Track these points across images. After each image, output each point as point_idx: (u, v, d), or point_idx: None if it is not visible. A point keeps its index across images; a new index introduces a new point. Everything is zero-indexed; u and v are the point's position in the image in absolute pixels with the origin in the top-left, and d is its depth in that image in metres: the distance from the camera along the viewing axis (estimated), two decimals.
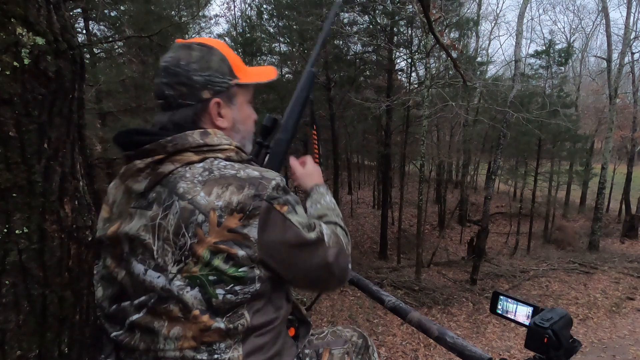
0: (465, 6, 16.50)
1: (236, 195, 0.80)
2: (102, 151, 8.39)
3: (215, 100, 0.92)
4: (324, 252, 0.90)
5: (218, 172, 0.83)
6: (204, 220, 0.79)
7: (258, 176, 0.85)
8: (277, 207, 0.84)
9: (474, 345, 1.09)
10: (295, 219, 0.86)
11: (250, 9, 17.54)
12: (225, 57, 0.94)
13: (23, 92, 0.70)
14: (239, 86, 0.96)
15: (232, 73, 0.95)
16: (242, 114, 0.99)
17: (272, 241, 0.83)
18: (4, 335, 0.71)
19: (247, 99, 1.01)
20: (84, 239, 0.86)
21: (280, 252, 0.85)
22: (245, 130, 1.02)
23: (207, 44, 0.94)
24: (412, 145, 17.05)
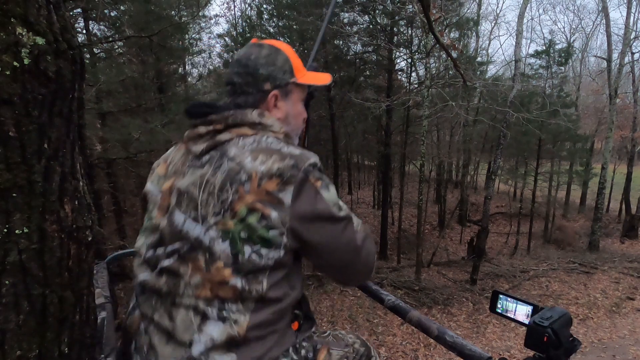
0: (465, 6, 16.50)
1: (277, 163, 0.90)
2: (102, 151, 8.39)
3: (274, 93, 1.05)
4: (352, 233, 0.96)
5: (265, 144, 0.94)
6: (247, 179, 0.88)
7: (299, 153, 0.94)
8: (312, 179, 0.91)
9: (473, 345, 1.09)
10: (326, 195, 0.93)
11: (250, 9, 17.55)
12: (289, 59, 1.08)
13: (23, 92, 0.70)
14: (296, 85, 1.09)
15: (292, 72, 1.08)
16: (295, 109, 1.11)
17: (303, 210, 0.90)
18: (4, 335, 0.71)
19: (301, 97, 1.13)
20: (84, 239, 0.86)
21: (311, 222, 0.91)
22: (295, 125, 1.12)
23: (276, 46, 1.09)
24: (412, 145, 17.05)
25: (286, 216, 0.89)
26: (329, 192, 0.94)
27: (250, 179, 0.88)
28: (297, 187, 0.90)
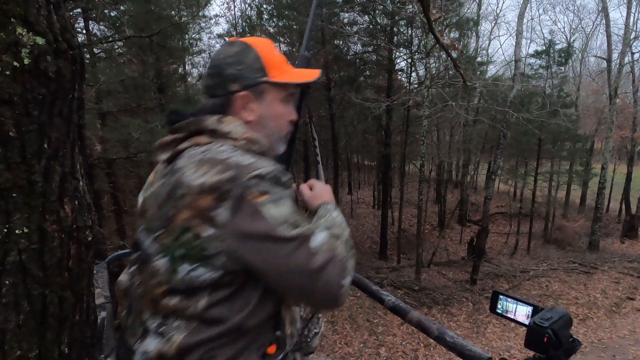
0: (465, 6, 16.50)
1: (216, 176, 0.82)
2: (102, 151, 8.39)
3: (242, 94, 0.97)
4: (306, 255, 0.82)
5: (213, 153, 0.87)
6: (184, 194, 0.83)
7: (245, 163, 0.85)
8: (251, 195, 0.81)
9: (473, 345, 1.09)
10: (271, 212, 0.82)
11: (250, 9, 17.56)
12: (260, 56, 0.99)
13: (23, 92, 0.70)
14: (271, 84, 0.99)
15: (263, 71, 0.99)
16: (272, 111, 1.01)
17: (241, 229, 0.81)
18: (4, 335, 0.71)
19: (281, 97, 1.02)
20: (84, 239, 0.86)
21: (250, 242, 0.82)
22: (274, 127, 1.03)
23: (248, 43, 1.00)
24: (412, 145, 17.05)
25: (222, 235, 0.81)
26: (277, 207, 0.83)
27: (188, 194, 0.82)
28: (233, 203, 0.81)
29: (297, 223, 0.84)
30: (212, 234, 0.81)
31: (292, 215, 0.84)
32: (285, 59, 1.04)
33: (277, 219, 0.82)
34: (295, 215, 0.86)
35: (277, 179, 0.85)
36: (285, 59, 1.04)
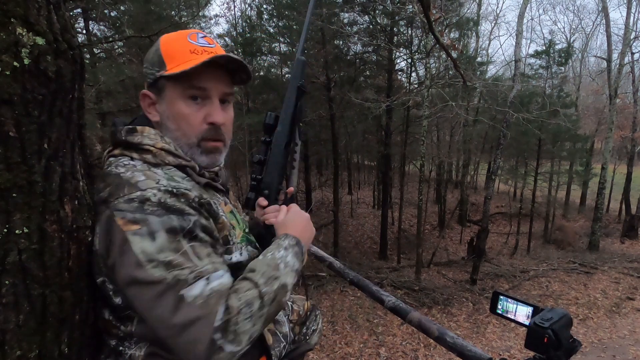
0: (465, 6, 16.50)
1: (97, 194, 0.77)
2: (102, 151, 8.37)
3: (142, 92, 0.91)
4: (171, 306, 0.68)
5: (111, 168, 0.81)
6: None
7: (131, 181, 0.76)
8: (120, 221, 0.71)
9: (474, 345, 1.09)
10: (140, 245, 0.69)
11: (250, 9, 17.55)
12: (159, 48, 0.87)
13: (23, 92, 0.70)
14: (168, 79, 0.85)
15: (162, 64, 0.86)
16: (171, 109, 0.87)
17: (110, 259, 0.74)
18: (4, 335, 0.71)
19: (180, 93, 0.86)
20: (84, 239, 0.86)
21: (120, 279, 0.73)
22: (178, 130, 0.88)
23: (162, 35, 0.91)
24: (412, 145, 17.05)
25: (100, 262, 0.75)
26: (151, 241, 0.70)
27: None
28: (103, 228, 0.74)
29: (173, 263, 0.69)
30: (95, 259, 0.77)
31: (162, 251, 0.70)
32: (202, 49, 0.87)
33: (146, 254, 0.69)
34: (175, 253, 0.70)
35: (162, 205, 0.73)
36: (203, 48, 0.87)
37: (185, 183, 0.82)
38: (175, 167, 0.84)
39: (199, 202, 0.80)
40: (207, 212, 0.82)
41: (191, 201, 0.77)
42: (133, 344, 0.81)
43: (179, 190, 0.76)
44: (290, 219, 0.94)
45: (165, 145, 0.85)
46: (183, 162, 0.85)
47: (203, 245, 0.75)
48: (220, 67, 0.87)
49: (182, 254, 0.71)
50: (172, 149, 0.85)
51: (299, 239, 0.89)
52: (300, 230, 0.92)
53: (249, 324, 0.71)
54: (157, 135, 0.86)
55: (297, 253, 0.86)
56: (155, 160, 0.83)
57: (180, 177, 0.84)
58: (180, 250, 0.71)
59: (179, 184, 0.79)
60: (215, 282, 0.71)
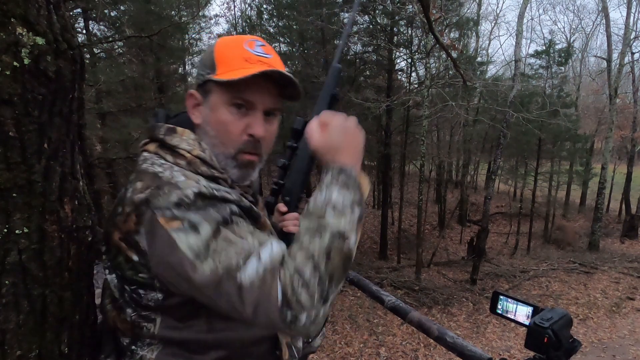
0: (465, 6, 16.51)
1: (139, 194, 0.74)
2: (102, 151, 8.40)
3: (189, 91, 0.88)
4: (234, 296, 0.68)
5: (147, 164, 0.80)
6: (120, 212, 0.77)
7: (169, 181, 0.74)
8: (162, 219, 0.70)
9: (474, 345, 1.09)
10: (186, 241, 0.69)
11: (250, 9, 17.58)
12: (213, 50, 0.85)
13: (23, 92, 0.70)
14: (217, 84, 0.83)
15: (213, 67, 0.84)
16: (213, 115, 0.84)
17: (159, 258, 0.72)
18: (4, 335, 0.71)
19: (226, 100, 0.83)
20: (84, 239, 0.86)
21: (175, 277, 0.72)
22: (216, 137, 0.85)
23: (221, 38, 0.91)
24: (412, 145, 17.05)
25: (148, 264, 0.74)
26: (194, 234, 0.69)
27: (122, 212, 0.76)
28: (147, 229, 0.72)
29: (220, 251, 0.69)
30: (139, 259, 0.75)
31: (213, 242, 0.69)
32: (257, 58, 0.84)
33: (194, 249, 0.69)
34: (221, 241, 0.70)
35: (202, 199, 0.72)
36: (258, 58, 0.84)
37: (225, 190, 0.81)
38: (207, 178, 0.81)
39: (239, 204, 0.79)
40: (248, 215, 0.81)
41: (229, 201, 0.77)
42: (146, 346, 0.80)
43: (219, 192, 0.76)
44: (336, 138, 0.81)
45: (202, 153, 0.82)
46: (216, 173, 0.82)
47: (245, 224, 0.75)
48: (271, 80, 0.84)
49: (226, 240, 0.70)
50: (207, 159, 0.82)
51: (343, 164, 0.79)
52: (343, 148, 0.80)
53: (308, 291, 0.67)
54: (195, 141, 0.83)
55: (345, 184, 0.76)
56: (188, 168, 0.80)
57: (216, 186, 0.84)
58: (225, 236, 0.71)
59: (218, 186, 0.79)
60: (266, 256, 0.69)
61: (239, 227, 0.74)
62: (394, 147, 16.58)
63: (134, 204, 0.74)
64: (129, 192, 0.77)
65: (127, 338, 0.82)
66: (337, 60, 1.07)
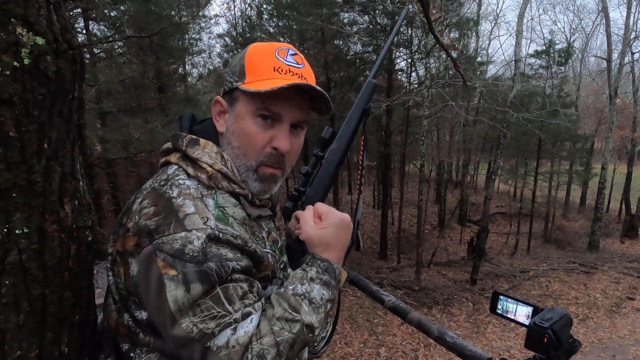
0: (465, 6, 16.51)
1: (145, 219, 0.72)
2: (102, 151, 8.39)
3: (216, 98, 0.86)
4: (198, 353, 0.70)
5: (164, 186, 0.76)
6: (124, 223, 0.76)
7: (180, 215, 0.72)
8: (161, 262, 0.69)
9: (474, 345, 1.09)
10: (174, 293, 0.69)
11: (250, 9, 17.56)
12: (244, 57, 0.83)
13: (23, 92, 0.70)
14: (244, 93, 0.81)
15: (242, 75, 0.82)
16: (238, 124, 0.82)
17: (145, 293, 0.73)
18: (4, 335, 0.71)
19: (252, 110, 0.80)
20: (84, 239, 0.86)
21: (150, 312, 0.74)
22: (238, 148, 0.82)
23: (252, 44, 0.86)
24: (412, 145, 17.06)
25: (132, 286, 0.75)
26: (184, 291, 0.68)
27: (124, 225, 0.76)
28: (142, 262, 0.71)
29: (203, 313, 0.69)
30: (125, 281, 0.75)
31: (199, 301, 0.69)
32: (287, 68, 0.82)
33: (179, 304, 0.69)
34: (207, 301, 0.69)
35: (203, 251, 0.70)
36: (289, 67, 0.82)
37: (234, 227, 0.77)
38: (228, 192, 0.81)
39: (242, 248, 0.77)
40: (251, 258, 0.78)
41: (234, 246, 0.75)
42: (144, 353, 0.79)
43: (224, 235, 0.73)
44: (321, 235, 0.84)
45: (223, 168, 0.80)
46: (237, 189, 0.81)
47: (238, 285, 0.73)
48: (300, 92, 0.82)
49: (213, 302, 0.70)
50: (229, 173, 0.81)
51: (330, 260, 0.82)
52: (333, 245, 0.84)
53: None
54: (218, 155, 0.81)
55: (327, 282, 0.79)
56: (209, 182, 0.79)
57: (233, 204, 0.81)
58: (214, 298, 0.70)
59: (226, 227, 0.75)
60: (241, 333, 0.71)
61: (232, 289, 0.72)
62: (394, 147, 16.58)
63: (139, 228, 0.72)
64: (136, 206, 0.76)
65: (126, 344, 0.82)
66: (373, 75, 1.08)
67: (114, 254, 0.78)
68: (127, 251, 0.74)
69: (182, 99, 11.10)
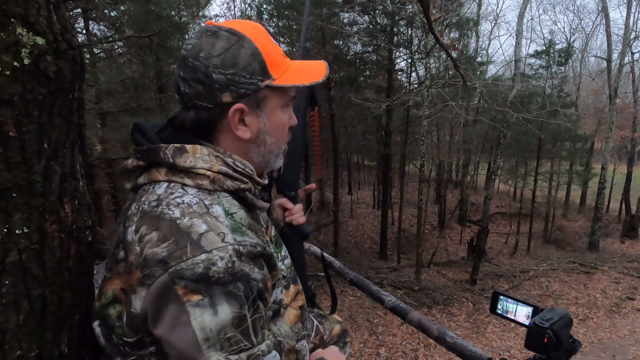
0: (465, 6, 16.51)
1: (151, 247, 0.65)
2: (102, 151, 8.39)
3: (237, 107, 0.74)
4: None
5: (162, 208, 0.68)
6: (122, 258, 0.70)
7: (194, 236, 0.64)
8: (181, 290, 0.62)
9: (474, 345, 1.09)
10: (200, 320, 0.62)
11: (250, 9, 17.55)
12: (259, 51, 0.73)
13: (23, 92, 0.70)
14: (273, 89, 0.76)
15: (265, 72, 0.74)
16: (273, 121, 0.78)
17: (158, 332, 0.65)
18: (4, 335, 0.71)
19: (283, 102, 0.79)
20: (84, 239, 0.86)
21: (168, 348, 0.66)
22: (274, 143, 0.80)
23: (238, 32, 0.73)
24: (412, 145, 17.06)
25: (132, 323, 0.68)
26: (212, 315, 0.62)
27: (124, 259, 0.69)
28: (156, 292, 0.63)
29: (231, 342, 0.64)
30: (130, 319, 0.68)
31: (227, 329, 0.63)
32: (281, 50, 0.80)
33: (206, 332, 0.62)
34: (234, 329, 0.64)
35: (229, 271, 0.64)
36: (281, 49, 0.80)
37: (250, 236, 0.72)
38: (231, 192, 0.75)
39: (261, 253, 0.73)
40: (268, 264, 0.75)
41: (255, 256, 0.71)
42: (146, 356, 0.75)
43: (245, 247, 0.68)
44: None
45: (223, 167, 0.74)
46: (242, 185, 0.76)
47: (260, 315, 0.70)
48: None
49: (241, 331, 0.65)
50: (229, 172, 0.74)
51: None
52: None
53: None
54: (211, 156, 0.74)
55: None
56: (212, 186, 0.72)
57: (239, 207, 0.75)
58: (241, 325, 0.65)
59: (244, 238, 0.70)
60: None
61: (258, 318, 0.68)
62: (394, 147, 16.58)
63: (145, 258, 0.64)
64: (131, 236, 0.68)
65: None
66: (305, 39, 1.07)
67: (110, 296, 0.71)
68: (132, 286, 0.66)
69: None
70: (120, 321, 0.70)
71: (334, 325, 1.19)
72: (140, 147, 0.75)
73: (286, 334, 0.87)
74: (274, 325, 0.85)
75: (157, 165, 0.74)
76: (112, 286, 0.71)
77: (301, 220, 0.98)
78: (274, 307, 0.84)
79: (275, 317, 0.86)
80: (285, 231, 1.00)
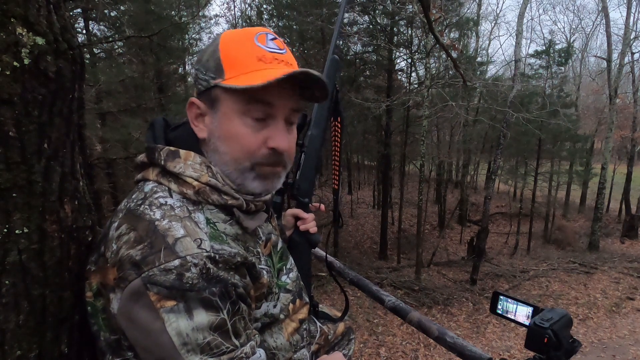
0: (465, 6, 16.51)
1: (127, 248, 0.64)
2: (102, 151, 8.40)
3: (192, 100, 0.74)
4: None
5: (144, 207, 0.68)
6: (102, 253, 0.70)
7: (169, 240, 0.63)
8: (154, 296, 0.60)
9: (474, 345, 1.09)
10: (175, 325, 0.60)
11: (250, 9, 17.58)
12: (218, 49, 0.72)
13: (23, 92, 0.70)
14: (225, 90, 0.71)
15: (218, 70, 0.71)
16: (224, 127, 0.72)
17: (131, 335, 0.64)
18: (4, 335, 0.71)
19: (240, 109, 0.71)
20: (84, 239, 0.86)
21: (143, 354, 0.65)
22: (229, 154, 0.73)
23: (221, 34, 0.74)
24: (412, 145, 17.06)
25: (111, 323, 0.68)
26: (187, 319, 0.61)
27: (103, 255, 0.69)
28: (128, 297, 0.62)
29: (211, 346, 0.62)
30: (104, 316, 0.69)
31: (205, 332, 0.62)
32: (271, 56, 0.72)
33: (182, 336, 0.60)
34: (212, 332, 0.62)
35: (203, 276, 0.62)
36: (273, 55, 0.72)
37: (230, 245, 0.70)
38: (219, 206, 0.73)
39: (242, 263, 0.71)
40: (250, 274, 0.73)
41: (236, 265, 0.69)
42: None
43: (221, 256, 0.66)
44: None
45: (212, 180, 0.71)
46: (230, 201, 0.73)
47: (241, 316, 0.68)
48: (291, 81, 0.72)
49: (221, 334, 0.63)
50: (218, 185, 0.72)
51: None
52: None
53: None
54: (203, 166, 0.72)
55: None
56: (197, 197, 0.71)
57: (222, 220, 0.73)
58: (220, 328, 0.63)
59: (222, 246, 0.68)
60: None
61: (238, 319, 0.67)
62: (394, 147, 16.59)
63: (120, 259, 0.64)
64: (112, 232, 0.68)
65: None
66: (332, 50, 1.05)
67: (95, 288, 0.71)
68: (107, 285, 0.66)
69: (182, 99, 11.10)
70: (105, 314, 0.70)
71: (338, 323, 1.19)
72: (148, 144, 0.77)
73: (282, 347, 0.85)
74: (270, 337, 0.83)
75: (153, 165, 0.76)
76: (95, 279, 0.72)
77: (313, 230, 0.98)
78: (264, 320, 0.81)
79: (269, 329, 0.83)
80: (294, 237, 0.99)
